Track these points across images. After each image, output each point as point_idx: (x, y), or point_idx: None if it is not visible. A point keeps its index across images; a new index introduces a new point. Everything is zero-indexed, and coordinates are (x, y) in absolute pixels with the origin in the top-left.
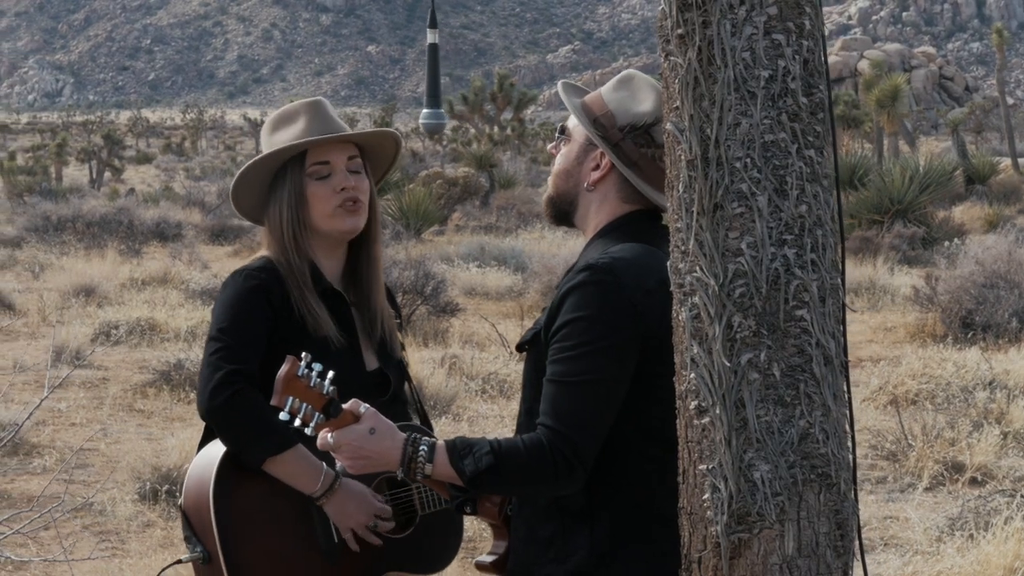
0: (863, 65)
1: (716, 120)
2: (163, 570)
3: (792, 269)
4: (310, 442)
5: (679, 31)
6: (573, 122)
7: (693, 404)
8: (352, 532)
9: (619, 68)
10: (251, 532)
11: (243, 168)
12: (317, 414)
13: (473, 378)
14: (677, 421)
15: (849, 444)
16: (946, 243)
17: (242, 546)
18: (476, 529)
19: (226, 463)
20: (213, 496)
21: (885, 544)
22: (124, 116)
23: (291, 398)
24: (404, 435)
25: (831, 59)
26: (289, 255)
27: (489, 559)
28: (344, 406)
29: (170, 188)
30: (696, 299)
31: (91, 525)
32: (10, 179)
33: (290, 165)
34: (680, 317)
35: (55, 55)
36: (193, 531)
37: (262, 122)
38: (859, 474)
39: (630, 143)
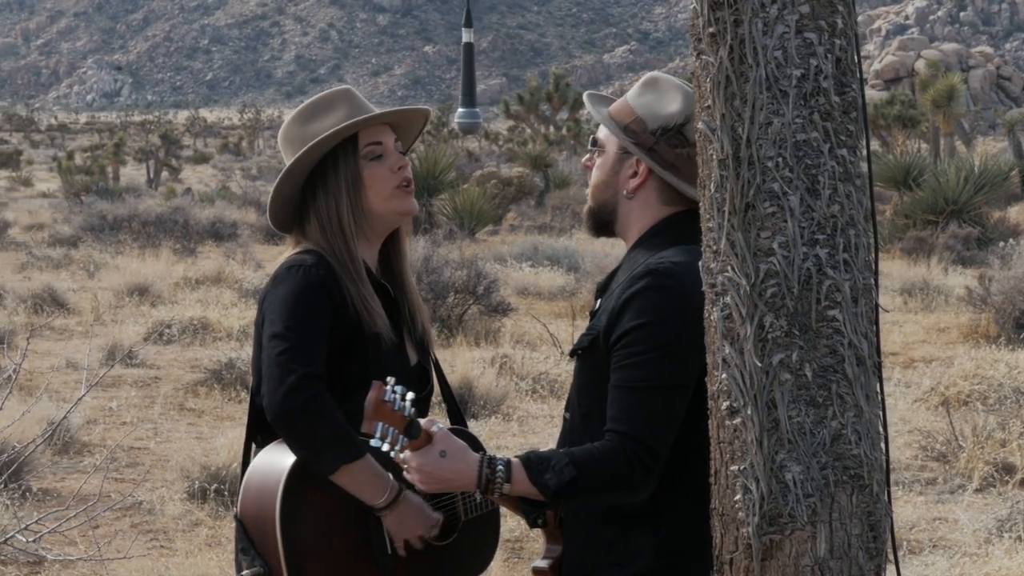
0: (920, 65)
1: (748, 119)
2: None
3: (824, 269)
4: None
5: (710, 30)
6: (604, 132)
7: (725, 405)
8: (404, 542)
9: (676, 68)
10: (315, 547)
11: (292, 162)
12: (401, 436)
13: (523, 378)
14: (709, 422)
15: (882, 445)
16: (1001, 243)
17: (306, 562)
18: (522, 529)
19: (294, 475)
20: (280, 511)
21: (933, 546)
22: (182, 116)
23: (380, 424)
24: (477, 456)
25: (888, 59)
26: (343, 246)
27: (545, 563)
28: (421, 424)
29: (227, 188)
30: (728, 299)
31: (139, 524)
32: (67, 179)
33: (340, 150)
34: (712, 317)
35: (114, 55)
36: (252, 543)
37: None
38: (908, 475)
39: (664, 145)
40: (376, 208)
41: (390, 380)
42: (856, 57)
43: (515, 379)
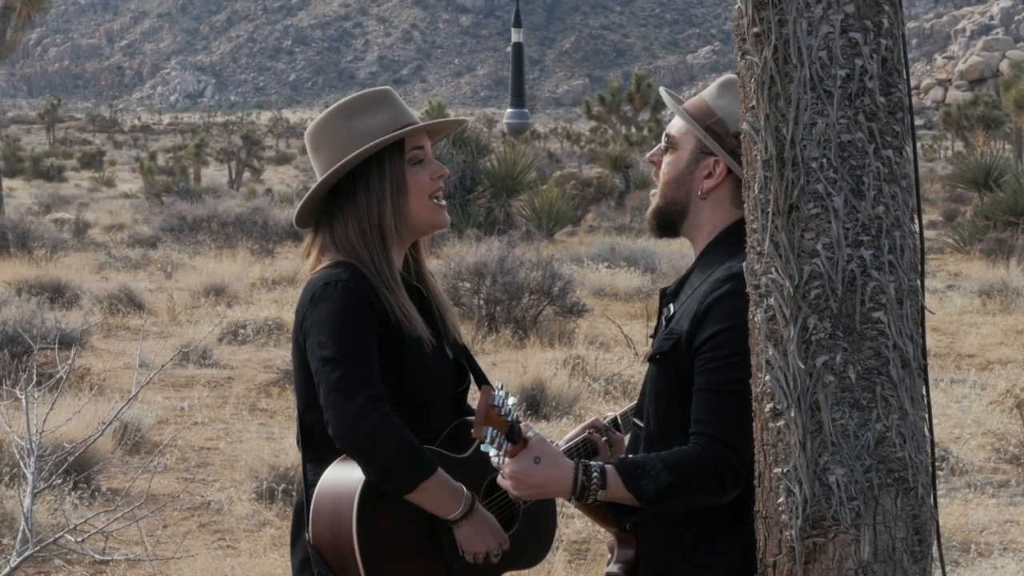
0: (1004, 65)
1: (792, 119)
2: None
3: (869, 270)
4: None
5: (755, 30)
6: (679, 129)
7: (768, 407)
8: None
9: None
10: (392, 563)
11: (358, 152)
12: (505, 442)
13: (596, 379)
14: (753, 424)
15: (928, 448)
16: None
17: None
18: (590, 530)
19: (365, 495)
20: (357, 532)
21: (1004, 548)
22: (264, 117)
23: (490, 428)
24: (571, 462)
25: (972, 59)
26: (380, 250)
27: (618, 568)
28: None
29: (307, 188)
30: (771, 301)
31: (208, 524)
32: (149, 179)
33: (387, 152)
34: (756, 319)
35: (197, 56)
36: (330, 568)
37: None
38: (981, 477)
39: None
40: (414, 214)
41: (497, 384)
42: (903, 57)
43: (588, 380)
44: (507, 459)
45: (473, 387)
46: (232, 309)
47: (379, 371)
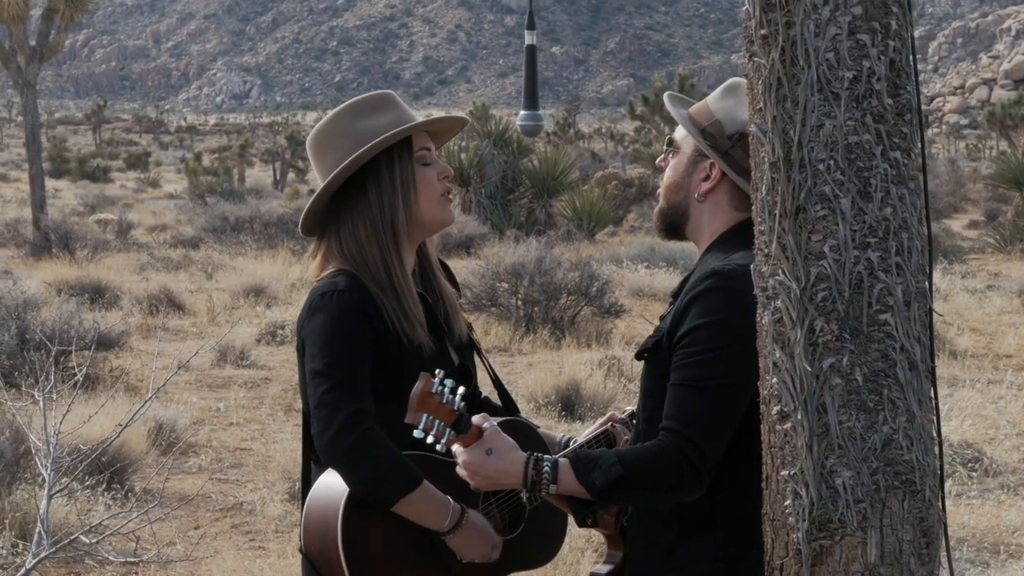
0: None
1: (799, 122)
2: None
3: (876, 272)
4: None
5: (762, 31)
6: (681, 134)
7: (775, 409)
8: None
9: None
10: (382, 571)
11: (352, 158)
12: (448, 430)
13: (632, 380)
14: (761, 426)
15: (936, 451)
16: None
17: None
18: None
19: (351, 506)
20: (343, 544)
21: None
22: (310, 117)
23: (425, 415)
24: (523, 455)
25: (1017, 59)
26: (392, 249)
27: (605, 569)
28: (473, 420)
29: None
30: (778, 303)
31: (240, 524)
32: (193, 180)
33: (396, 150)
34: (763, 321)
35: (243, 57)
36: None
37: None
38: (1015, 479)
39: (740, 151)
40: (423, 213)
41: (439, 373)
42: (912, 59)
43: (624, 381)
44: (459, 448)
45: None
46: (271, 310)
47: (370, 383)
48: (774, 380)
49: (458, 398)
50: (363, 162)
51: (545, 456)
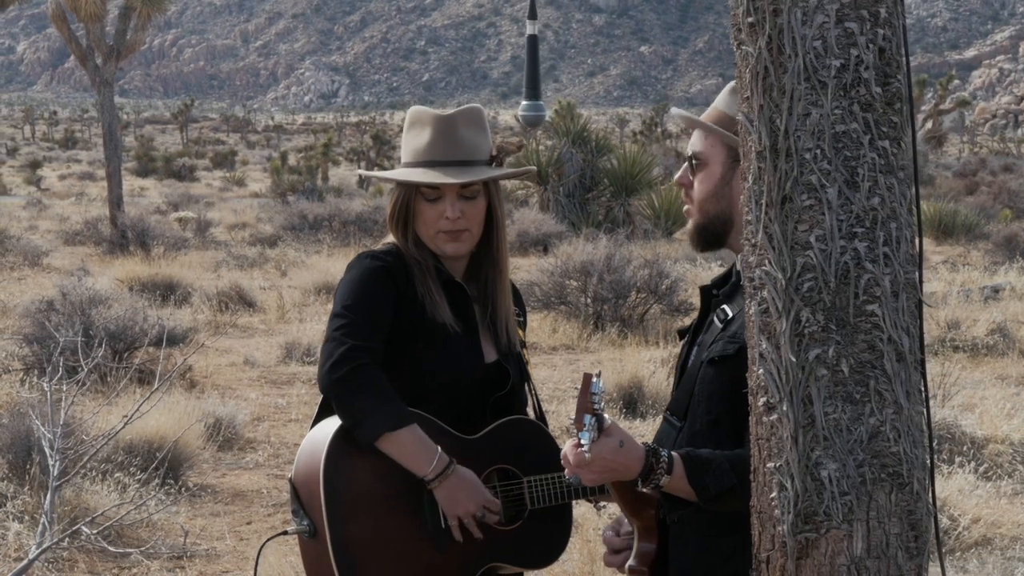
0: None
1: (786, 110)
2: (268, 540)
3: (863, 263)
4: (424, 423)
5: (749, 19)
6: (703, 146)
7: (762, 401)
8: (459, 521)
9: None
10: (359, 510)
11: (375, 174)
12: (595, 430)
13: None
14: (750, 418)
15: (925, 443)
16: None
17: (349, 523)
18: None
19: (339, 439)
20: (324, 470)
21: None
22: (398, 117)
23: (588, 416)
24: (643, 445)
25: None
26: (409, 246)
27: (636, 563)
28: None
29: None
30: (765, 293)
31: (290, 521)
32: (277, 179)
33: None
34: (750, 312)
35: (331, 56)
36: (301, 505)
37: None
38: None
39: None
40: (424, 239)
41: (595, 372)
42: (904, 47)
43: None
44: (592, 446)
45: (565, 378)
46: None
47: (382, 333)
48: (760, 371)
49: (600, 396)
50: (380, 180)
51: (662, 448)
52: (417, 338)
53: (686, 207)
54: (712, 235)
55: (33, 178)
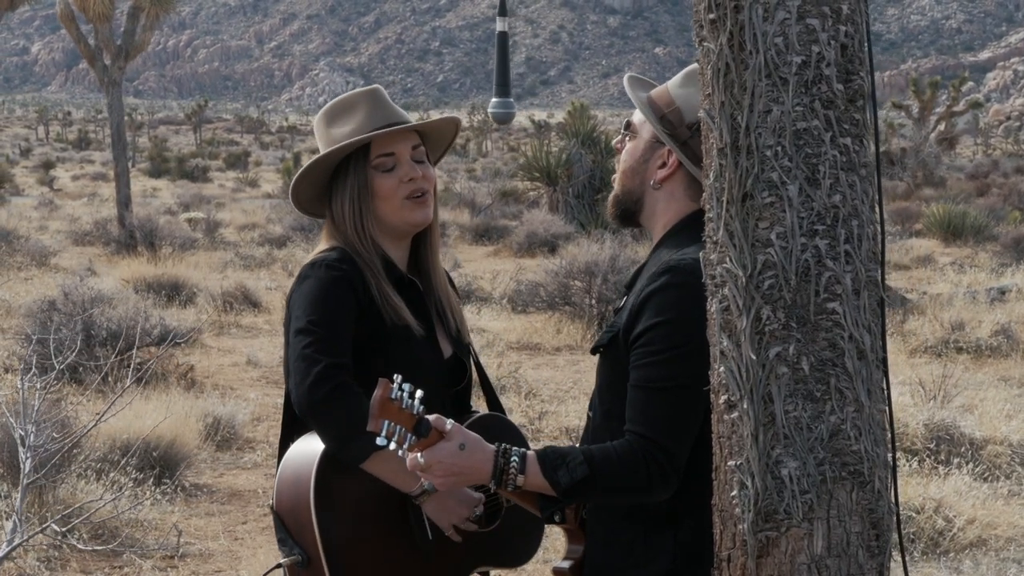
0: None
1: (747, 107)
2: (266, 574)
3: (824, 260)
4: None
5: (711, 16)
6: (639, 117)
7: (723, 398)
8: (453, 528)
9: (908, 70)
10: (351, 533)
11: (306, 166)
12: (409, 435)
13: None
14: (712, 416)
15: (887, 441)
16: None
17: (343, 548)
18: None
19: (324, 463)
20: (314, 498)
21: None
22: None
23: (386, 421)
24: (493, 447)
25: None
26: (359, 247)
27: (566, 564)
28: (432, 422)
29: (450, 189)
30: (725, 291)
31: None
32: (287, 179)
33: (353, 158)
34: (711, 309)
35: (345, 57)
36: (289, 534)
37: (545, 124)
38: None
39: (698, 140)
40: (387, 217)
41: (396, 378)
42: (867, 44)
43: None
44: (418, 451)
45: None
46: None
47: (350, 347)
48: (721, 369)
49: (417, 401)
50: (323, 169)
51: (514, 448)
52: (380, 345)
53: (614, 176)
54: (625, 210)
55: (46, 179)
